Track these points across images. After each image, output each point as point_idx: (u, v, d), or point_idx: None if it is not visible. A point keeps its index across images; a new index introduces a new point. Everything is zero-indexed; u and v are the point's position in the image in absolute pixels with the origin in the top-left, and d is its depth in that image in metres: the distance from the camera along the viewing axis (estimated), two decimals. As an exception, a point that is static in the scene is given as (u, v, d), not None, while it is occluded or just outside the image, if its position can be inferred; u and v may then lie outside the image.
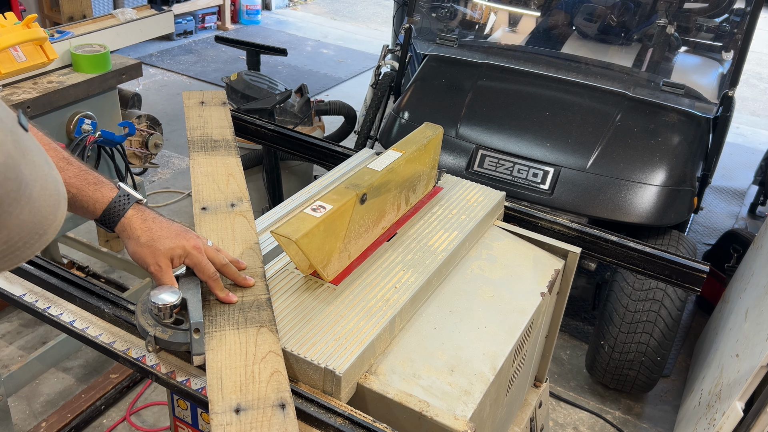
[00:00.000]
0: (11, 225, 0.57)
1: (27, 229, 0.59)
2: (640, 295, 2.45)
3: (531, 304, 1.37)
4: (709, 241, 3.75)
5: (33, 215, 0.60)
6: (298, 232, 1.11)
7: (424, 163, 1.49)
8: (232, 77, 3.32)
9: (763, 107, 6.19)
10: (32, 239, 0.61)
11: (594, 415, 2.63)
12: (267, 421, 0.92)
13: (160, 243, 1.07)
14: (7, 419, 2.11)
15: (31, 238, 0.61)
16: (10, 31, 1.96)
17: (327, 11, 8.04)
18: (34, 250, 0.62)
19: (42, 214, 0.61)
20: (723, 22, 3.31)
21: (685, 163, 2.63)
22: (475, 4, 3.82)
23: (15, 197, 0.57)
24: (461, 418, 1.05)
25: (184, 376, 1.08)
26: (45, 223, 0.62)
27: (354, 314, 1.17)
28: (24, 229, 0.59)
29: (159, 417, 2.45)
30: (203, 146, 1.55)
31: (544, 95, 2.87)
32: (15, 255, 0.60)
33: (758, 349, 1.91)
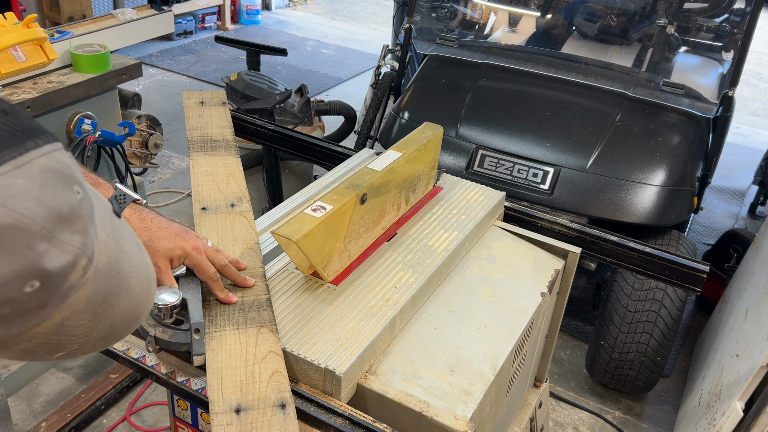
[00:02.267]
0: (114, 315, 0.62)
1: (126, 315, 0.64)
2: (640, 295, 2.45)
3: (531, 304, 1.37)
4: (709, 241, 3.75)
5: (131, 302, 0.64)
6: (298, 232, 1.11)
7: (424, 163, 1.49)
8: (232, 77, 3.32)
9: (763, 107, 6.19)
10: (130, 322, 0.66)
11: (594, 415, 2.63)
12: (267, 421, 0.92)
13: (158, 243, 1.07)
14: (7, 419, 2.11)
15: (129, 322, 0.65)
16: (10, 31, 1.96)
17: (327, 11, 8.04)
18: (131, 330, 0.67)
19: (138, 299, 0.65)
20: (723, 22, 3.31)
21: (685, 163, 2.63)
22: (475, 4, 3.82)
23: (117, 291, 0.61)
24: (461, 419, 1.05)
25: (185, 376, 1.08)
26: (140, 307, 0.66)
27: (354, 314, 1.17)
28: (124, 315, 0.63)
29: (159, 417, 2.45)
30: (203, 146, 1.55)
31: (544, 95, 2.87)
32: (115, 337, 0.64)
33: (758, 349, 1.91)
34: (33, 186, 0.49)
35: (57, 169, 0.51)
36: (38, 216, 0.48)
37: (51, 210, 0.49)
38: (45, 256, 0.49)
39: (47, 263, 0.49)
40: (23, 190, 0.48)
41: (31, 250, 0.48)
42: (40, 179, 0.49)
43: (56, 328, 0.56)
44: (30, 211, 0.48)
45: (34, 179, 0.49)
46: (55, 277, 0.50)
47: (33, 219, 0.48)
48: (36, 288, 0.49)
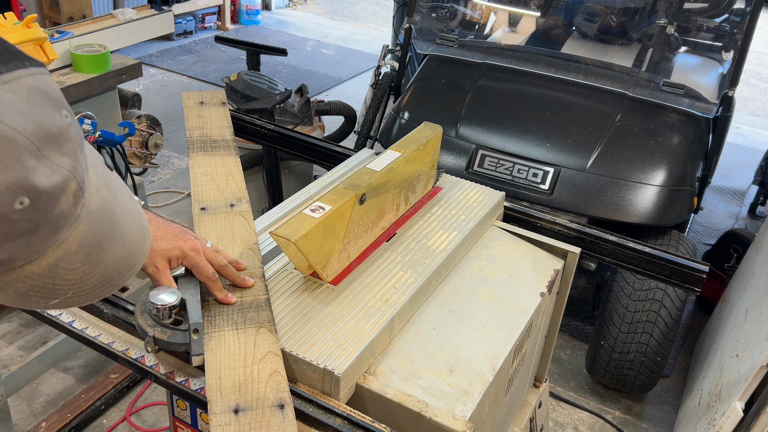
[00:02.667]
0: (108, 260, 0.62)
1: (120, 262, 0.65)
2: (640, 295, 2.45)
3: (530, 304, 1.37)
4: (709, 241, 3.75)
5: (125, 249, 0.65)
6: (297, 233, 1.11)
7: (424, 163, 1.49)
8: (232, 77, 3.32)
9: (763, 107, 6.19)
10: (124, 270, 0.66)
11: (594, 415, 2.63)
12: (266, 422, 0.92)
13: (156, 244, 1.07)
14: (7, 419, 2.11)
15: (123, 269, 0.66)
16: (10, 31, 1.97)
17: (327, 11, 8.04)
18: (125, 279, 0.68)
19: (132, 247, 0.66)
20: (723, 22, 3.31)
21: (685, 163, 2.63)
22: (475, 4, 3.82)
23: (110, 236, 0.62)
24: (460, 419, 1.05)
25: (183, 376, 1.08)
26: (134, 255, 0.67)
27: (353, 314, 1.17)
28: (118, 262, 0.64)
29: (159, 417, 2.45)
30: (203, 146, 1.55)
31: (544, 95, 2.87)
32: (109, 285, 0.65)
33: (758, 349, 1.91)
34: (20, 101, 0.48)
35: (44, 90, 0.51)
36: (25, 130, 0.48)
37: (39, 126, 0.49)
38: (33, 172, 0.48)
39: (36, 180, 0.49)
40: (10, 103, 0.48)
41: (19, 164, 0.48)
42: (27, 96, 0.49)
43: (50, 269, 0.56)
44: (17, 124, 0.47)
45: (21, 95, 0.49)
46: (45, 196, 0.50)
47: (20, 132, 0.48)
48: (26, 205, 0.49)
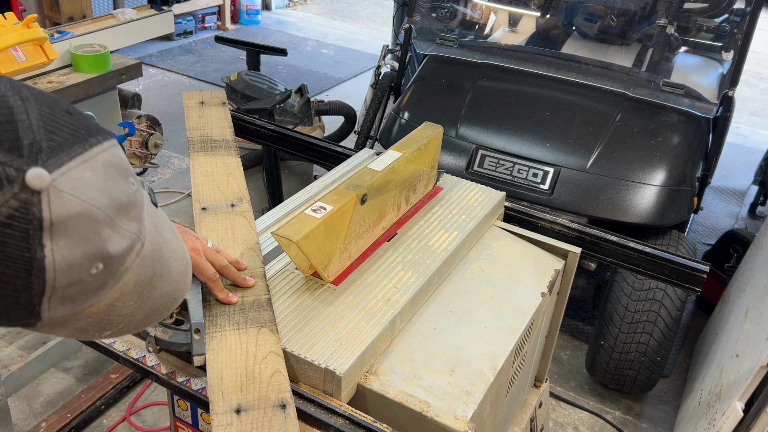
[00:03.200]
0: (156, 296, 0.67)
1: (167, 297, 0.70)
2: (640, 295, 2.45)
3: (531, 304, 1.37)
4: (709, 241, 3.75)
5: (171, 285, 0.70)
6: (298, 233, 1.11)
7: (424, 163, 1.49)
8: (232, 77, 3.32)
9: (763, 107, 6.19)
10: (170, 304, 0.71)
11: (594, 415, 2.64)
12: (268, 422, 0.92)
13: None
14: (7, 419, 2.11)
15: (169, 302, 0.71)
16: (10, 31, 1.96)
17: (327, 11, 8.04)
18: (170, 310, 0.73)
19: (177, 282, 0.71)
20: (723, 22, 3.31)
21: (685, 163, 2.63)
22: (475, 4, 3.82)
23: (159, 275, 0.66)
24: (462, 419, 1.05)
25: (185, 376, 1.08)
26: (179, 289, 0.72)
27: (354, 314, 1.17)
28: (165, 297, 0.69)
29: (159, 417, 2.45)
30: (203, 146, 1.55)
31: (544, 95, 2.87)
32: (156, 316, 0.70)
33: (758, 349, 1.91)
34: (98, 178, 0.54)
35: (116, 163, 0.57)
36: (103, 205, 0.54)
37: (113, 200, 0.55)
38: (108, 241, 0.55)
39: (110, 247, 0.55)
40: (90, 182, 0.53)
41: (98, 236, 0.54)
42: (103, 172, 0.55)
43: (107, 308, 0.61)
44: (97, 201, 0.53)
45: (98, 172, 0.55)
46: (116, 259, 0.56)
47: (99, 208, 0.54)
48: (100, 270, 0.55)
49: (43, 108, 0.55)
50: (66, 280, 0.53)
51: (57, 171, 0.52)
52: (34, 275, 0.52)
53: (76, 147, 0.54)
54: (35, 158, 0.51)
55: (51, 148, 0.53)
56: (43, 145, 0.52)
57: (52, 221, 0.51)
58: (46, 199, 0.51)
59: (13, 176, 0.50)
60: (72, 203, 0.52)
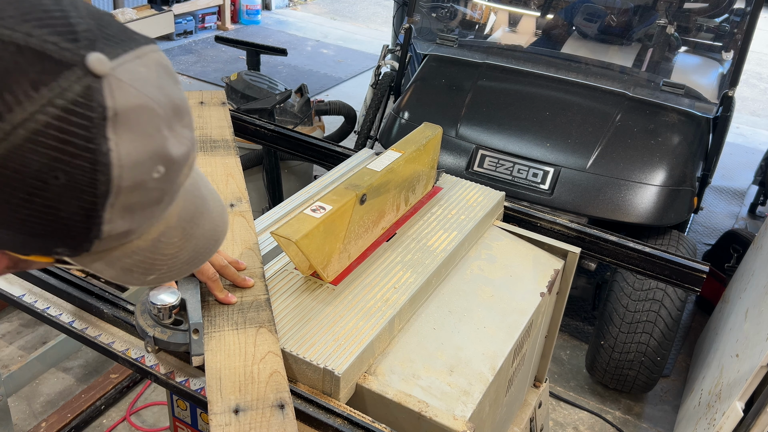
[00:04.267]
0: (198, 235, 0.66)
1: (209, 236, 0.69)
2: (640, 295, 2.45)
3: (530, 304, 1.37)
4: (709, 241, 3.75)
5: (212, 224, 0.69)
6: (298, 233, 1.11)
7: (424, 163, 1.49)
8: (232, 77, 3.32)
9: (763, 107, 6.19)
10: (211, 245, 0.70)
11: (594, 415, 2.63)
12: (266, 422, 0.92)
13: None
14: (7, 419, 2.11)
15: (210, 244, 0.70)
16: (9, 32, 1.96)
17: (327, 11, 8.04)
18: (211, 253, 0.71)
19: (216, 222, 0.70)
20: (723, 22, 3.31)
21: (685, 163, 2.63)
22: (475, 4, 3.82)
23: (201, 211, 0.66)
24: (460, 419, 1.05)
25: (183, 376, 1.08)
26: (219, 230, 0.71)
27: (353, 314, 1.17)
28: (206, 236, 0.68)
29: (159, 417, 2.45)
30: (202, 146, 1.55)
31: (544, 95, 2.87)
32: (198, 259, 0.69)
33: (758, 349, 1.91)
34: (153, 75, 0.53)
35: (166, 65, 0.56)
36: (161, 101, 0.52)
37: (170, 98, 0.53)
38: (168, 142, 0.53)
39: (171, 149, 0.53)
40: (147, 77, 0.52)
41: (159, 134, 0.52)
42: (157, 71, 0.54)
43: (153, 243, 0.60)
44: (155, 96, 0.52)
45: (152, 70, 0.53)
46: (176, 165, 0.55)
47: (158, 103, 0.52)
48: (161, 174, 0.53)
49: (90, 6, 0.53)
50: (130, 180, 0.51)
51: (115, 60, 0.50)
52: (100, 170, 0.49)
53: (128, 42, 0.52)
54: (92, 44, 0.49)
55: (105, 37, 0.51)
56: (98, 33, 0.50)
57: (116, 111, 0.49)
58: (108, 86, 0.49)
59: (73, 60, 0.47)
60: (133, 94, 0.50)
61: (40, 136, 0.46)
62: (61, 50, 0.47)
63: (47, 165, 0.47)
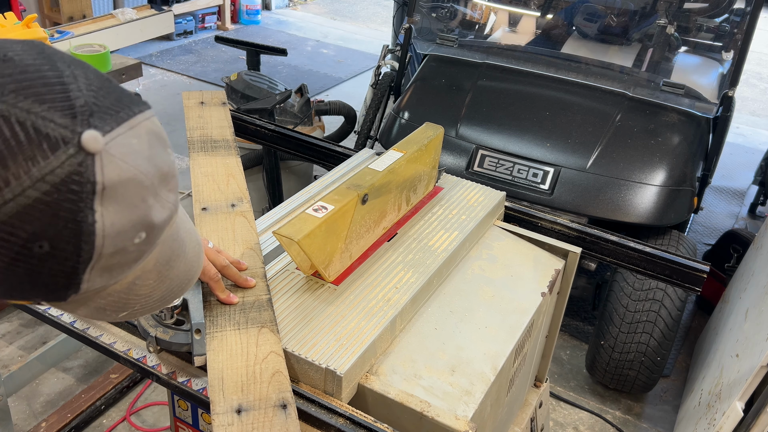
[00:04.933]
0: (173, 276, 0.68)
1: (182, 277, 0.70)
2: (640, 295, 2.45)
3: (532, 304, 1.37)
4: (709, 241, 3.75)
5: (186, 265, 0.70)
6: (300, 232, 1.11)
7: (425, 163, 1.49)
8: (232, 77, 3.32)
9: (763, 107, 6.19)
10: (185, 284, 0.72)
11: (594, 415, 2.63)
12: (269, 422, 0.92)
13: None
14: (7, 419, 2.11)
15: (184, 283, 0.71)
16: (10, 31, 1.96)
17: (327, 11, 8.04)
18: (184, 291, 0.73)
19: (191, 262, 0.72)
20: (723, 22, 3.31)
21: (685, 163, 2.63)
22: (475, 4, 3.82)
23: (177, 254, 0.67)
24: (462, 419, 1.05)
25: (185, 376, 1.08)
26: (193, 270, 0.73)
27: (355, 314, 1.17)
28: (180, 277, 0.70)
29: (159, 417, 2.45)
30: (203, 146, 1.55)
31: (544, 95, 2.87)
32: (171, 297, 0.71)
33: (758, 349, 1.91)
34: (144, 145, 0.54)
35: (158, 132, 0.57)
36: (149, 173, 0.54)
37: (158, 167, 0.55)
38: (152, 210, 0.55)
39: (154, 216, 0.55)
40: (138, 149, 0.53)
41: (144, 203, 0.54)
42: (148, 140, 0.55)
43: (128, 286, 0.61)
44: (144, 168, 0.53)
45: (143, 140, 0.54)
46: (157, 229, 0.57)
47: (146, 175, 0.54)
48: (142, 239, 0.55)
49: (87, 73, 0.54)
50: (112, 247, 0.53)
51: (108, 135, 0.51)
52: (84, 240, 0.51)
53: (122, 113, 0.54)
54: (88, 121, 0.51)
55: (101, 111, 0.52)
56: (94, 108, 0.52)
57: (104, 185, 0.51)
58: (100, 162, 0.50)
59: (68, 138, 0.49)
60: (123, 168, 0.52)
61: (29, 210, 0.48)
62: (58, 127, 0.49)
63: (34, 234, 0.49)
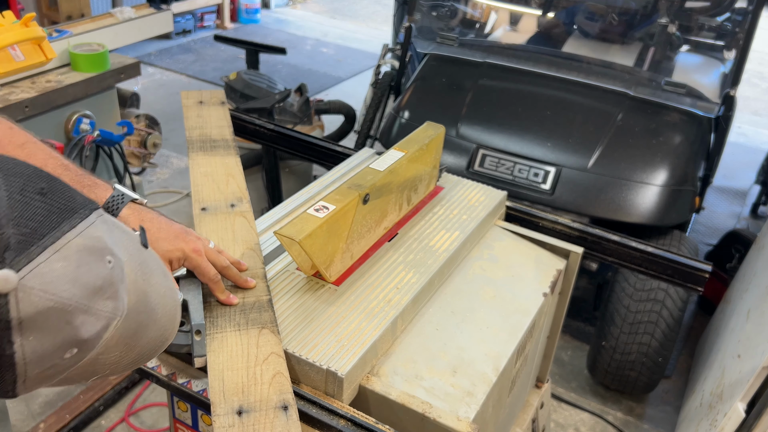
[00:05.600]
0: (143, 344, 0.66)
1: (153, 343, 0.68)
2: (642, 296, 2.44)
3: (533, 304, 1.36)
4: (710, 242, 3.74)
5: (158, 331, 0.68)
6: (301, 232, 1.10)
7: (426, 162, 1.48)
8: (231, 76, 3.31)
9: (765, 107, 6.18)
10: (157, 348, 0.70)
11: (595, 416, 2.63)
12: (270, 423, 0.91)
13: (156, 245, 1.05)
14: (6, 420, 2.10)
15: (156, 347, 0.70)
16: (8, 30, 1.95)
17: (327, 10, 8.03)
18: (157, 354, 0.71)
19: (164, 328, 0.70)
20: (725, 21, 3.30)
21: (686, 163, 2.62)
22: (476, 3, 3.81)
23: (145, 324, 0.65)
24: (464, 420, 1.04)
25: (185, 378, 1.07)
26: (166, 334, 0.71)
27: (356, 315, 1.16)
28: (151, 344, 0.68)
29: (158, 418, 2.44)
30: (202, 146, 1.54)
31: (545, 94, 2.86)
32: (143, 360, 0.69)
33: (760, 349, 1.90)
34: (70, 268, 0.53)
35: (91, 246, 0.55)
36: (75, 295, 0.53)
37: (86, 286, 0.54)
38: (82, 327, 0.54)
39: (84, 332, 0.54)
40: (62, 273, 0.52)
41: (69, 325, 0.53)
42: (77, 259, 0.53)
43: (91, 362, 0.60)
44: (68, 293, 0.52)
45: (70, 261, 0.53)
46: (90, 342, 0.56)
47: (70, 299, 0.52)
48: (74, 354, 0.55)
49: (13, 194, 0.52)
50: (38, 368, 0.53)
51: (26, 268, 0.50)
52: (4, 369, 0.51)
53: (47, 237, 0.52)
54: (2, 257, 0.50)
55: (20, 242, 0.51)
56: (11, 241, 0.50)
57: (20, 319, 0.50)
58: (14, 299, 0.49)
59: None
60: (42, 299, 0.50)
61: None
62: None
63: None
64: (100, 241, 0.57)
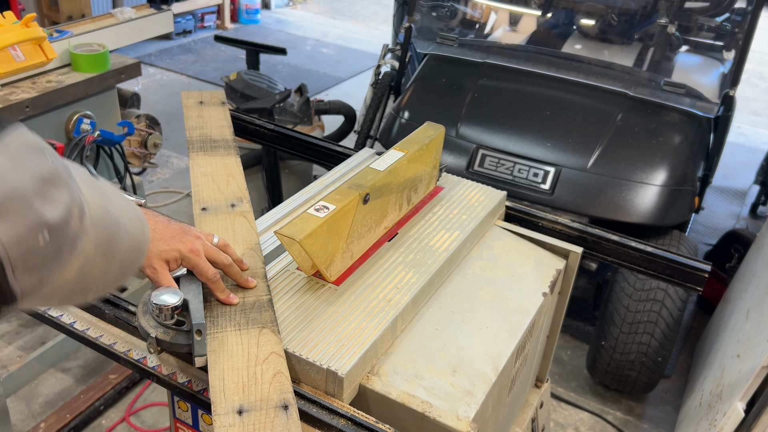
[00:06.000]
0: (120, 252, 0.74)
1: (131, 251, 0.76)
2: (641, 296, 2.45)
3: (533, 304, 1.36)
4: (710, 242, 3.74)
5: (131, 239, 0.76)
6: (302, 232, 1.10)
7: (426, 162, 1.49)
8: (232, 77, 3.31)
9: (764, 107, 6.19)
10: (136, 255, 0.78)
11: (595, 415, 2.63)
12: (270, 423, 0.92)
13: (153, 245, 1.05)
14: (6, 420, 2.11)
15: (135, 255, 0.78)
16: (8, 31, 1.96)
17: (327, 10, 8.03)
18: (140, 263, 0.79)
19: (135, 235, 0.78)
20: (724, 21, 3.30)
21: (686, 163, 2.62)
22: (476, 4, 3.81)
23: (116, 232, 0.73)
24: (464, 419, 1.04)
25: (186, 377, 1.08)
26: (139, 241, 0.78)
27: (356, 315, 1.16)
28: (129, 251, 0.76)
29: (158, 418, 2.45)
30: (202, 146, 1.54)
31: (545, 95, 2.86)
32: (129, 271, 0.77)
33: (759, 349, 1.91)
34: (15, 160, 0.59)
35: (29, 143, 0.61)
36: (26, 182, 0.58)
37: (35, 175, 0.59)
38: (43, 210, 0.59)
39: (48, 215, 0.60)
40: (8, 166, 0.58)
41: (31, 210, 0.59)
42: (18, 153, 0.59)
43: (78, 274, 0.66)
44: (18, 181, 0.58)
45: (12, 155, 0.59)
46: (57, 226, 0.61)
47: (23, 184, 0.58)
48: (48, 238, 0.60)
49: None
50: (19, 251, 0.58)
51: None
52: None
53: None
54: None
55: None
56: None
57: None
58: None
59: None
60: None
61: None
62: None
63: None
64: (37, 142, 0.62)
